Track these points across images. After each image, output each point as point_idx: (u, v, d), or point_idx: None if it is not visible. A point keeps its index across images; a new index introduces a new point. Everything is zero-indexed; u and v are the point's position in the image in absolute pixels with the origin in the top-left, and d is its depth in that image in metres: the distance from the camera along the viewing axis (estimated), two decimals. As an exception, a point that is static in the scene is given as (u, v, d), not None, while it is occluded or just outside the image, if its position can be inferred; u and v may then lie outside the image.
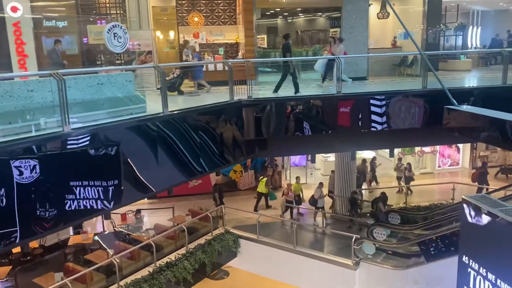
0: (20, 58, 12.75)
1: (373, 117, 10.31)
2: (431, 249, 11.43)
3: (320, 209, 15.76)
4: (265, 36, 19.24)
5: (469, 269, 7.17)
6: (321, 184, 16.16)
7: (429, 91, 10.25)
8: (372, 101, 10.20)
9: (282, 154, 15.67)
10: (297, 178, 17.15)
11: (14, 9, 12.23)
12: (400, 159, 19.07)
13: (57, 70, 5.95)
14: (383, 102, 10.23)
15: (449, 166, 21.72)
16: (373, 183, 19.08)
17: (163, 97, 7.55)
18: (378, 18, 16.41)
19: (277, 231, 14.93)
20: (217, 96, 11.43)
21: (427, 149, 20.49)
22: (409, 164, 19.06)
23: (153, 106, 7.78)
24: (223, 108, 9.29)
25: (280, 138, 10.65)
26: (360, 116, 10.41)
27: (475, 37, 19.96)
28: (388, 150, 15.50)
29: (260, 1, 14.08)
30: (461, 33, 18.53)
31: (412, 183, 18.80)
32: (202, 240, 13.61)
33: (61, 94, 5.71)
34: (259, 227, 13.89)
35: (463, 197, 7.07)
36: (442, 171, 21.49)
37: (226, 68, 9.86)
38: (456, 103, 8.59)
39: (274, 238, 13.98)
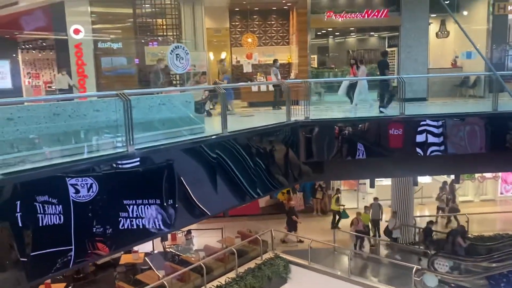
0: (80, 79, 13.21)
1: (433, 139, 9.73)
2: (502, 284, 10.49)
3: (395, 241, 14.73)
4: (315, 56, 19.00)
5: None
6: (394, 214, 15.18)
7: (500, 114, 9.59)
8: (435, 123, 9.65)
9: (339, 178, 15.13)
10: (366, 207, 16.18)
11: (77, 32, 12.74)
12: (442, 188, 17.86)
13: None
14: (446, 124, 9.66)
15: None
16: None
17: (222, 118, 7.41)
18: (437, 37, 15.78)
19: (329, 258, 14.33)
20: (268, 117, 11.28)
21: (488, 174, 19.24)
22: (452, 193, 17.79)
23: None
24: (279, 129, 9.04)
25: (336, 161, 10.24)
26: (421, 140, 9.82)
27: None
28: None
29: (315, 22, 13.92)
30: (528, 52, 17.49)
31: (472, 210, 17.60)
32: (252, 264, 13.26)
33: (127, 115, 5.66)
34: (310, 252, 13.39)
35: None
36: (505, 198, 20.06)
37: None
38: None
39: (326, 265, 13.40)
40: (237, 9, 15.03)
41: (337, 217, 16.74)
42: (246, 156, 8.01)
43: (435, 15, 15.38)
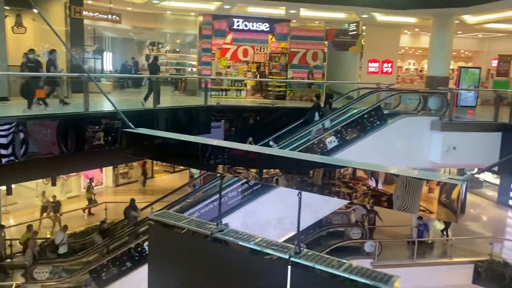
0: None
1: (14, 144, 9.10)
2: (103, 274, 11.19)
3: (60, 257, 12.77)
4: None
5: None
6: (65, 227, 13.29)
7: (91, 114, 10.10)
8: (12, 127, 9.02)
9: None
10: (29, 226, 13.27)
11: None
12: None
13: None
14: (26, 127, 9.20)
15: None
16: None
17: None
18: (13, 32, 14.61)
19: None
20: None
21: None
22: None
23: None
24: None
25: None
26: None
27: (109, 61, 21.15)
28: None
29: None
30: (100, 57, 19.13)
31: (62, 209, 17.82)
32: None
33: None
34: None
35: (149, 216, 7.36)
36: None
37: None
38: (133, 126, 8.76)
39: None
40: None
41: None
42: None
43: (9, 8, 14.17)
